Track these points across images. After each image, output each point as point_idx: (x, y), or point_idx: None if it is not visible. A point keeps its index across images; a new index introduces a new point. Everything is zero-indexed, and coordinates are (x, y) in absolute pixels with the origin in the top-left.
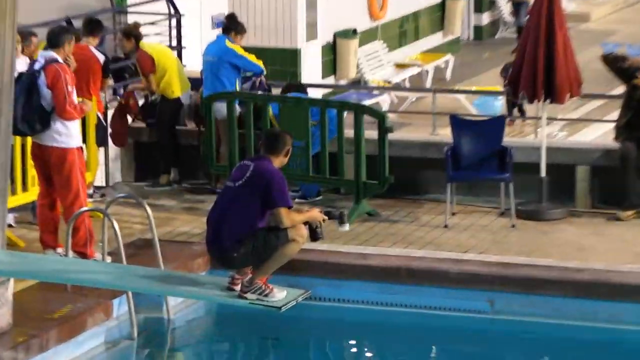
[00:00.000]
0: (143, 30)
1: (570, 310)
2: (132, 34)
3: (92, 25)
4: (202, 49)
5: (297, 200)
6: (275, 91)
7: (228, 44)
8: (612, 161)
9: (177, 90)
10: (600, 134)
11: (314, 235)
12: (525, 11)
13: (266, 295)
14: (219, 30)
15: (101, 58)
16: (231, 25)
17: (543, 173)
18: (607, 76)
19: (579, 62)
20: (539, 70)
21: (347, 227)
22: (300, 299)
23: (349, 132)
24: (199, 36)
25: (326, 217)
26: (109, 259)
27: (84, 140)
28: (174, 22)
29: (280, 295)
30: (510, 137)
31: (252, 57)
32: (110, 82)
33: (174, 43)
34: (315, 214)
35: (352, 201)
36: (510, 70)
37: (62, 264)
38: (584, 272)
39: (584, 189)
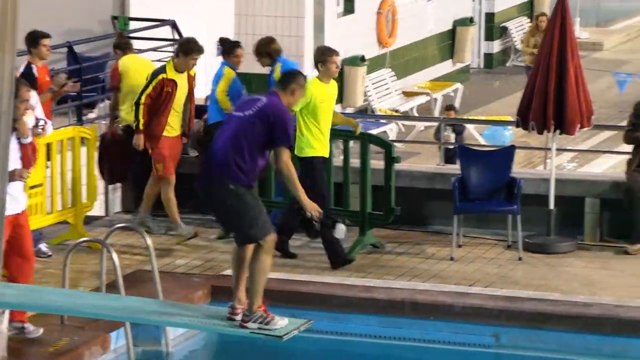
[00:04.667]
0: (145, 56)
1: (575, 346)
2: (118, 45)
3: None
4: (207, 75)
5: None
6: None
7: (224, 70)
8: (622, 193)
9: None
10: (610, 165)
11: (310, 229)
12: None
13: (267, 324)
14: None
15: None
16: (223, 47)
17: (552, 205)
18: (619, 106)
19: (591, 91)
20: (549, 100)
21: (343, 228)
22: (302, 328)
23: (355, 162)
24: (204, 62)
25: (321, 211)
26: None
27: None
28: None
29: (281, 323)
30: (518, 168)
31: (221, 85)
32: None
33: None
34: (312, 203)
35: (356, 232)
36: (442, 131)
37: (58, 295)
38: (592, 306)
39: (593, 221)
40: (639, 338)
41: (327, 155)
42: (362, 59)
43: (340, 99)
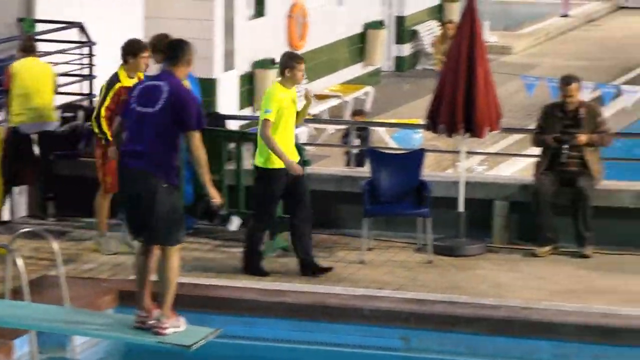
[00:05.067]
0: (52, 59)
1: (484, 348)
2: (22, 47)
3: None
4: None
5: None
6: None
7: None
8: (530, 196)
9: (52, 115)
10: (519, 168)
11: (213, 216)
12: None
13: (177, 328)
14: None
15: None
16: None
17: (461, 208)
18: (527, 110)
19: (500, 95)
20: (458, 104)
21: (237, 222)
22: (211, 337)
23: None
24: (112, 65)
25: (222, 202)
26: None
27: None
28: (85, 50)
29: (190, 328)
30: (428, 171)
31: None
32: None
33: (86, 72)
34: (217, 192)
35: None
36: (350, 135)
37: None
38: (500, 309)
39: (502, 224)
40: (547, 340)
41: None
42: (273, 62)
43: (250, 102)
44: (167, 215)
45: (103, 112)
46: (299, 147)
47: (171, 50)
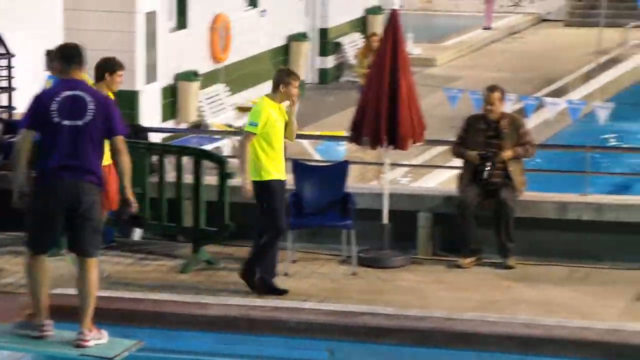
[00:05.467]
0: None
1: (409, 359)
2: None
3: None
4: (35, 90)
5: None
6: None
7: (48, 83)
8: (454, 208)
9: None
10: (443, 179)
11: (136, 222)
12: None
13: (99, 340)
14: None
15: None
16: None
17: (385, 220)
18: (451, 122)
19: (423, 107)
20: (382, 116)
21: (140, 232)
22: (134, 349)
23: (188, 177)
24: (31, 76)
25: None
26: None
27: None
28: (4, 62)
29: (112, 340)
30: (352, 183)
31: None
32: None
33: (4, 84)
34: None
35: (190, 249)
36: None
37: None
38: (425, 320)
39: (426, 236)
40: (471, 350)
41: (284, 178)
42: (196, 74)
43: (173, 115)
44: (97, 225)
45: None
46: (222, 160)
47: (73, 56)
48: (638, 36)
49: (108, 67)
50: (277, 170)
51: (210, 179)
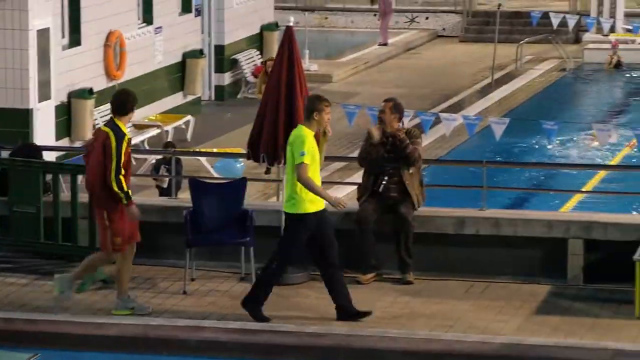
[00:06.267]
0: None
1: None
2: None
3: None
4: None
5: None
6: (5, 154)
7: None
8: (353, 224)
9: None
10: (343, 195)
11: None
12: None
13: None
14: None
15: None
16: None
17: None
18: (349, 138)
19: None
20: (279, 132)
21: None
22: None
23: (84, 196)
24: None
25: None
26: None
27: None
28: None
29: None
30: (251, 200)
31: None
32: None
33: None
34: None
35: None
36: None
37: None
38: (325, 337)
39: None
40: None
41: (324, 206)
42: (90, 91)
43: (67, 133)
44: None
45: (122, 170)
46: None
47: None
48: (532, 52)
49: (129, 101)
50: (315, 200)
51: None
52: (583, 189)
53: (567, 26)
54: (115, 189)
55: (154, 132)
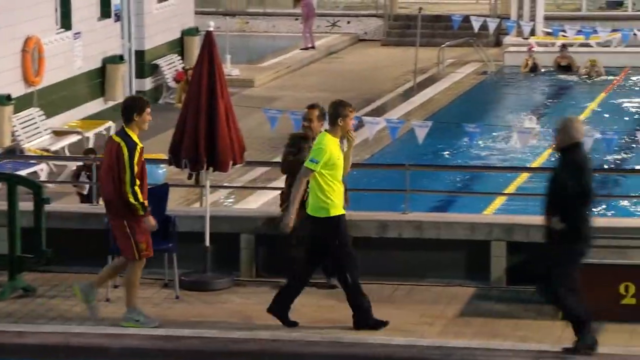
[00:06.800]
0: None
1: None
2: None
3: None
4: None
5: None
6: None
7: None
8: (276, 229)
9: None
10: (265, 201)
11: None
12: None
13: None
14: None
15: None
16: None
17: (207, 242)
18: (271, 142)
19: (243, 128)
20: (200, 138)
21: None
22: None
23: (2, 204)
24: None
25: None
26: None
27: None
28: None
29: None
30: (174, 206)
31: None
32: None
33: None
34: None
35: (6, 277)
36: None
37: None
38: (251, 342)
39: (248, 257)
40: None
41: (344, 212)
42: (8, 97)
43: None
44: None
45: (137, 180)
46: (37, 185)
47: None
48: (453, 55)
49: (137, 105)
50: (341, 204)
51: (26, 204)
52: (505, 192)
53: (487, 29)
54: (132, 200)
55: (74, 138)
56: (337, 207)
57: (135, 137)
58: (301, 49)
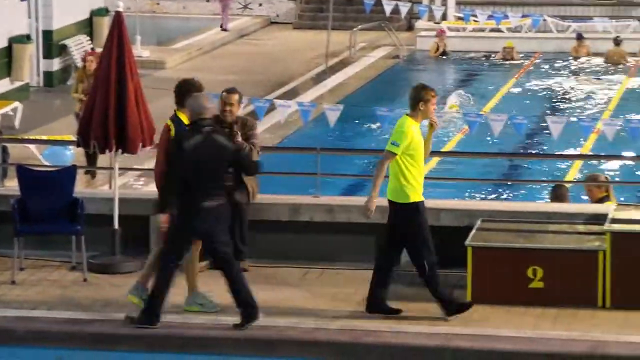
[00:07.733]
0: None
1: None
2: None
3: None
4: None
5: None
6: None
7: None
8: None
9: None
10: None
11: None
12: None
13: None
14: None
15: None
16: None
17: (116, 225)
18: None
19: (154, 111)
20: (109, 120)
21: None
22: None
23: None
24: None
25: None
26: None
27: None
28: None
29: None
30: (83, 188)
31: None
32: None
33: None
34: None
35: None
36: None
37: None
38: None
39: (158, 240)
40: (204, 354)
41: (423, 199)
42: None
43: None
44: None
45: None
46: None
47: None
48: (365, 39)
49: (191, 88)
50: (421, 190)
51: None
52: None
53: (399, 13)
54: None
55: None
56: (417, 192)
57: (186, 120)
58: (221, 30)
